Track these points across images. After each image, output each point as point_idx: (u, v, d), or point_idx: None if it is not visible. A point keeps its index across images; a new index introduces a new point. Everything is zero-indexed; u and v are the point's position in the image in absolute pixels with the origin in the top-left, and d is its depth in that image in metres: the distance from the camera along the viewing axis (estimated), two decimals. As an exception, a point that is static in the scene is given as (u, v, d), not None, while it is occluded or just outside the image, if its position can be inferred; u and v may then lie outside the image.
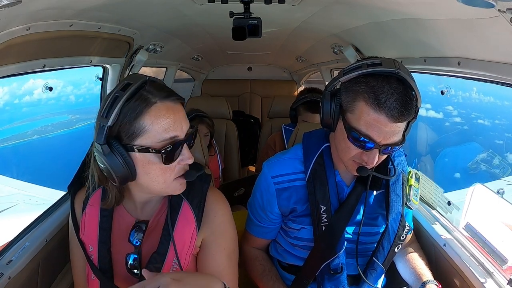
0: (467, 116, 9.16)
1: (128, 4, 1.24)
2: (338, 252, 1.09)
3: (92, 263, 0.93)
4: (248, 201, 1.23)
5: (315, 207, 1.08)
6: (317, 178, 1.08)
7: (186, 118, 0.85)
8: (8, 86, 8.64)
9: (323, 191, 1.07)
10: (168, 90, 0.84)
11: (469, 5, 0.70)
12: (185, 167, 0.86)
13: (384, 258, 1.11)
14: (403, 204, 1.10)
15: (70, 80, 9.49)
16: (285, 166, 1.12)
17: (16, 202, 4.58)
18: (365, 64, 0.93)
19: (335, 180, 1.09)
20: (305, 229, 1.12)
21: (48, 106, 9.61)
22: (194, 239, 0.92)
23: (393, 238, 1.09)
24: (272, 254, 1.27)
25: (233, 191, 2.01)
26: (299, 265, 1.16)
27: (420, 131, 4.58)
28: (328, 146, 1.10)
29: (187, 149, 0.84)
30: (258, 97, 3.80)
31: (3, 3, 0.67)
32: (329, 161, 1.09)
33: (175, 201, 0.92)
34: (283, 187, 1.11)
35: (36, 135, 9.21)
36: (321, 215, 1.07)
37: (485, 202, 1.28)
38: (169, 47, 2.21)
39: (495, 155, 5.86)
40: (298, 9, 1.49)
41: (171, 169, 0.83)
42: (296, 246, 1.16)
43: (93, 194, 0.95)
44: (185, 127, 0.84)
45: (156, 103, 0.80)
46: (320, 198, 1.07)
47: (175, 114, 0.82)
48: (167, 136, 0.80)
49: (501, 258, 1.07)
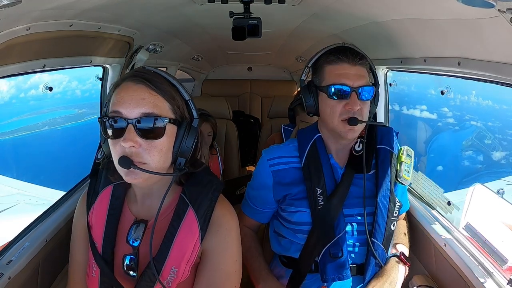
0: (461, 117, 9.39)
1: (128, 4, 1.24)
2: (337, 235, 1.12)
3: (96, 251, 0.91)
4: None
5: (311, 190, 1.14)
6: (311, 163, 1.16)
7: (143, 100, 0.80)
8: (14, 81, 8.74)
9: (318, 175, 1.15)
10: (140, 74, 0.83)
11: (469, 5, 0.70)
12: (125, 151, 0.79)
13: (382, 236, 1.14)
14: (392, 180, 1.16)
15: (75, 76, 9.62)
16: (281, 150, 1.23)
17: (16, 202, 4.59)
18: (321, 49, 1.18)
19: (329, 163, 1.17)
20: (303, 213, 1.16)
21: (54, 100, 9.74)
22: (196, 250, 0.87)
23: (386, 215, 1.14)
24: (275, 250, 1.28)
25: (234, 189, 1.99)
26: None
27: (414, 129, 4.67)
28: (320, 136, 1.20)
29: (131, 132, 0.78)
30: (258, 97, 3.80)
31: (3, 3, 0.67)
32: (322, 147, 1.19)
33: (180, 207, 0.88)
34: (278, 168, 1.19)
35: (47, 126, 9.38)
36: (318, 198, 1.13)
37: (485, 202, 1.28)
38: (169, 47, 2.21)
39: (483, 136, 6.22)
40: (298, 9, 1.49)
41: (115, 148, 0.80)
42: (297, 232, 1.18)
43: (103, 191, 0.95)
44: (135, 109, 0.79)
45: (122, 82, 0.84)
46: (315, 182, 1.14)
47: (127, 92, 0.81)
48: (111, 110, 0.81)
49: (501, 258, 1.07)
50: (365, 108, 1.11)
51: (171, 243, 0.86)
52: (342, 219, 1.14)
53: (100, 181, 0.98)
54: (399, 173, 1.17)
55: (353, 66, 1.09)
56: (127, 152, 0.79)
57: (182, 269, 0.86)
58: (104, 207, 0.94)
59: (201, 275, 0.89)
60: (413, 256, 1.45)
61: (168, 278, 0.86)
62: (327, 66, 1.13)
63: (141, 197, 0.93)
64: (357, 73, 1.09)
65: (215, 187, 0.90)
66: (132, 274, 0.87)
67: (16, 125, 9.43)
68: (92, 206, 0.96)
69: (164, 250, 0.86)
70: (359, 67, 1.10)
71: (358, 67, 1.10)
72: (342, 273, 1.12)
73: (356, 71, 1.09)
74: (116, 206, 0.93)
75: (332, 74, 1.11)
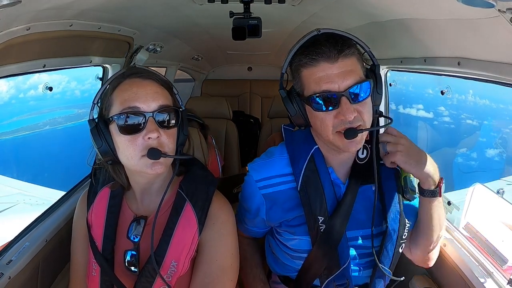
0: (457, 116, 9.47)
1: (128, 4, 1.24)
2: (343, 265, 0.99)
3: (96, 249, 0.93)
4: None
5: (312, 218, 0.97)
6: (310, 185, 0.97)
7: (157, 94, 0.86)
8: (13, 81, 8.78)
9: (320, 200, 0.97)
10: (141, 70, 0.89)
11: (469, 5, 0.70)
12: (150, 143, 0.83)
13: (390, 261, 1.01)
14: (400, 201, 1.00)
15: (74, 76, 9.64)
16: (271, 168, 1.02)
17: (16, 202, 4.58)
18: (293, 46, 0.94)
19: (330, 180, 0.99)
20: (302, 240, 1.02)
21: (54, 100, 9.79)
22: (195, 243, 0.89)
23: (395, 239, 0.99)
24: (270, 267, 1.20)
25: (231, 187, 1.98)
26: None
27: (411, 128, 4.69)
28: (317, 148, 1.00)
29: (153, 124, 0.83)
30: (258, 97, 3.79)
31: (3, 3, 0.67)
32: (320, 161, 0.99)
33: (178, 202, 0.91)
34: (270, 191, 1.01)
35: (48, 125, 9.41)
36: (319, 227, 0.97)
37: (485, 202, 1.28)
38: (169, 47, 2.21)
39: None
40: (298, 9, 1.49)
41: (134, 143, 0.83)
42: (295, 258, 1.07)
43: (101, 190, 0.97)
44: (153, 102, 0.84)
45: (125, 79, 0.86)
46: (316, 208, 0.97)
47: (139, 88, 0.85)
48: (125, 106, 0.83)
49: (501, 258, 1.08)
50: (364, 110, 0.88)
51: (170, 237, 0.88)
52: (346, 244, 1.00)
53: (99, 182, 1.00)
54: (404, 189, 1.00)
55: (333, 63, 0.85)
56: (153, 144, 0.83)
57: (182, 262, 0.88)
58: (103, 206, 0.96)
59: (197, 268, 0.91)
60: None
61: (169, 272, 0.88)
62: (302, 71, 0.90)
63: (140, 195, 0.95)
64: (340, 70, 0.85)
65: (211, 182, 0.94)
66: (133, 270, 0.89)
67: (16, 125, 9.47)
68: (91, 205, 0.97)
69: (163, 244, 0.88)
70: (342, 61, 0.85)
71: (340, 62, 0.85)
72: None
73: (339, 68, 0.85)
74: (115, 204, 0.95)
75: (310, 81, 0.88)
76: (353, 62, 0.88)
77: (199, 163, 0.99)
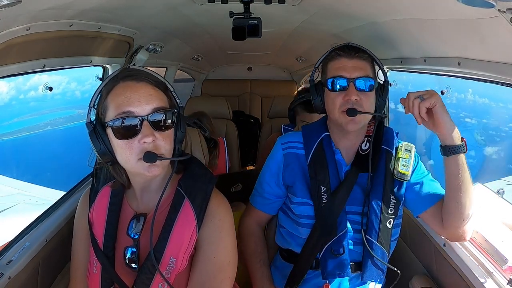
0: (456, 115, 9.52)
1: (128, 4, 1.24)
2: (339, 233, 1.15)
3: (97, 247, 0.94)
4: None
5: (316, 188, 1.17)
6: (317, 162, 1.19)
7: (151, 96, 0.85)
8: (13, 82, 8.79)
9: (323, 173, 1.18)
10: (135, 72, 0.88)
11: (469, 5, 0.70)
12: (145, 147, 0.83)
13: (376, 233, 1.14)
14: (386, 179, 1.16)
15: (74, 77, 9.65)
16: (296, 136, 1.28)
17: (16, 202, 4.59)
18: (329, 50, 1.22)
19: (334, 160, 1.20)
20: (307, 206, 1.19)
21: (54, 101, 9.80)
22: (193, 240, 0.90)
23: (379, 212, 1.14)
24: (278, 242, 1.31)
25: (229, 186, 1.98)
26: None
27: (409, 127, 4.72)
28: (327, 135, 1.22)
29: (148, 128, 0.83)
30: (258, 97, 3.80)
31: (3, 3, 0.67)
32: (328, 144, 1.21)
33: (177, 199, 0.92)
34: (290, 152, 1.25)
35: (49, 126, 9.41)
36: (322, 196, 1.16)
37: (485, 202, 1.28)
38: (169, 47, 2.21)
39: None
40: (298, 9, 1.49)
41: (130, 147, 0.83)
42: (300, 225, 1.20)
43: (102, 189, 0.97)
44: (147, 105, 0.84)
45: (119, 83, 0.86)
46: (321, 180, 1.17)
47: (132, 91, 0.84)
48: (120, 111, 0.83)
49: (501, 258, 1.07)
50: (366, 100, 1.11)
51: (169, 234, 0.89)
52: (344, 217, 1.16)
53: (100, 181, 1.01)
54: (395, 169, 1.16)
55: (350, 59, 1.14)
56: (148, 147, 0.83)
57: (181, 259, 0.89)
58: (104, 205, 0.97)
59: (195, 266, 0.92)
60: (413, 256, 1.45)
61: (168, 269, 0.88)
62: (329, 63, 1.18)
63: (140, 192, 0.96)
64: (354, 65, 1.13)
65: (209, 179, 0.95)
66: (134, 267, 0.90)
67: (17, 126, 9.48)
68: (92, 204, 0.98)
69: (162, 241, 0.89)
70: (356, 60, 1.14)
71: (355, 60, 1.14)
72: (343, 270, 1.14)
73: (354, 64, 1.13)
74: (115, 202, 0.96)
75: (332, 69, 1.16)
76: (365, 64, 1.15)
77: (197, 161, 0.99)
